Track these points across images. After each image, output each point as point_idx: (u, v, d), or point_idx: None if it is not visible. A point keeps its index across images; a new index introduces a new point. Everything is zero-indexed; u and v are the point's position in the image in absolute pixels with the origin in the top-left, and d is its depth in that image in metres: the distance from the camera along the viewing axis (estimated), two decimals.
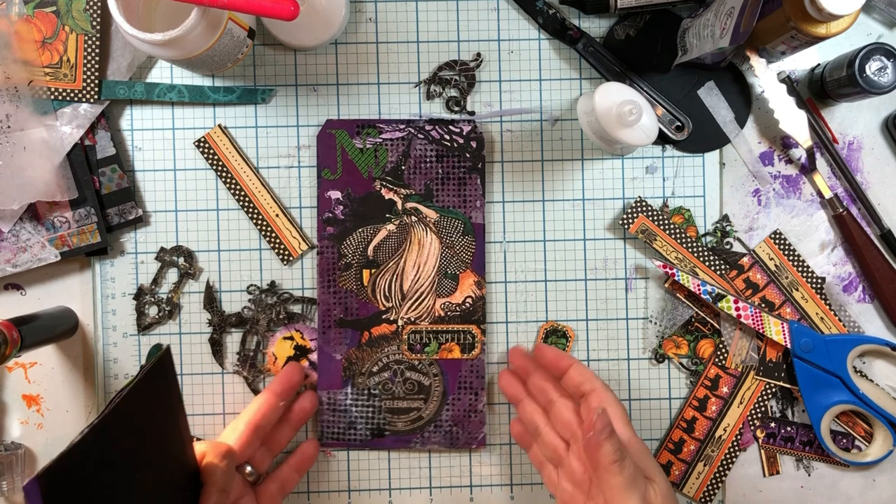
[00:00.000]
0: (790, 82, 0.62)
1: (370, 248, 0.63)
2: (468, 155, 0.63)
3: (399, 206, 0.63)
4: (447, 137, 0.63)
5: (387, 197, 0.63)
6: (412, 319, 0.63)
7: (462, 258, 0.63)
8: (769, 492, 0.64)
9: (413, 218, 0.63)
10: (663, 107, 0.63)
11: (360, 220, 0.63)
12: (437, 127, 0.63)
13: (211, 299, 0.63)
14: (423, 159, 0.63)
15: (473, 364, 0.63)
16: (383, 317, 0.63)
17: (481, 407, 0.63)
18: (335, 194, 0.63)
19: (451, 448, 0.64)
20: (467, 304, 0.63)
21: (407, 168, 0.63)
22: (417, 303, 0.63)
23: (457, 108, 0.64)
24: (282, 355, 0.63)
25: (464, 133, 0.63)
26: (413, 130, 0.63)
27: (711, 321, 0.64)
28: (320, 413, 0.63)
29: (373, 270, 0.63)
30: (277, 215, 0.63)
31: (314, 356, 0.63)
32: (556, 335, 0.64)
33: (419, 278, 0.63)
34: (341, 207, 0.63)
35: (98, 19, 0.61)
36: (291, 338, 0.63)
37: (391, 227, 0.63)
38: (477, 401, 0.63)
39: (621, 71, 0.63)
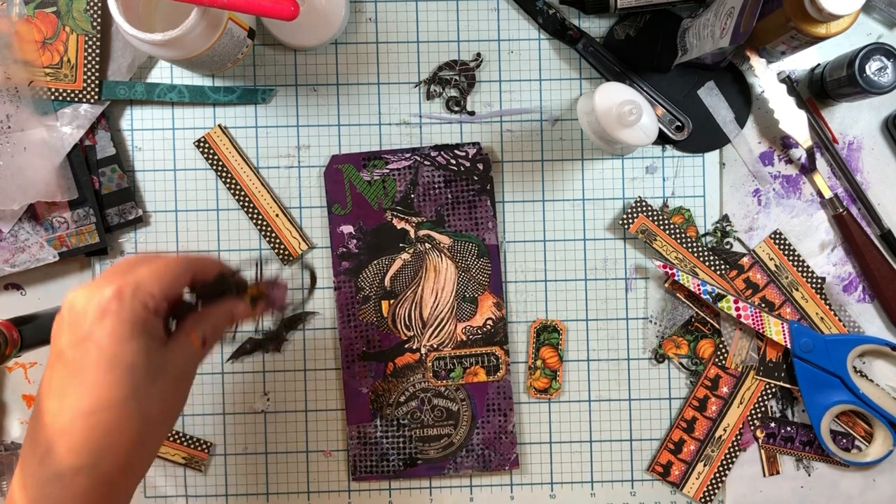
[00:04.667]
0: (790, 82, 0.62)
1: (387, 278, 0.63)
2: (476, 177, 0.63)
3: (412, 234, 0.63)
4: (453, 162, 0.63)
5: (399, 227, 0.63)
6: (435, 346, 0.63)
7: (479, 281, 0.63)
8: (769, 492, 0.64)
9: (427, 245, 0.63)
10: (663, 107, 0.63)
11: (374, 252, 0.63)
12: (442, 153, 0.63)
13: None
14: (431, 186, 0.63)
15: (500, 386, 0.63)
16: (406, 346, 0.63)
17: (511, 428, 0.63)
18: (347, 229, 0.63)
19: (485, 471, 0.64)
20: (488, 326, 0.63)
21: (416, 196, 0.63)
22: (439, 329, 0.63)
23: (457, 108, 0.64)
24: None
25: (469, 156, 0.63)
26: (419, 158, 0.63)
27: (711, 321, 0.64)
28: (351, 447, 0.63)
29: (391, 301, 0.63)
30: (277, 215, 0.63)
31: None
32: (546, 331, 0.64)
33: (438, 304, 0.63)
34: (355, 241, 0.63)
35: (98, 20, 0.61)
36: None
37: (406, 256, 0.63)
38: (506, 422, 0.63)
39: (621, 71, 0.63)
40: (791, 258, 0.64)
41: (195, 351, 0.50)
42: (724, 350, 0.64)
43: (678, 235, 0.63)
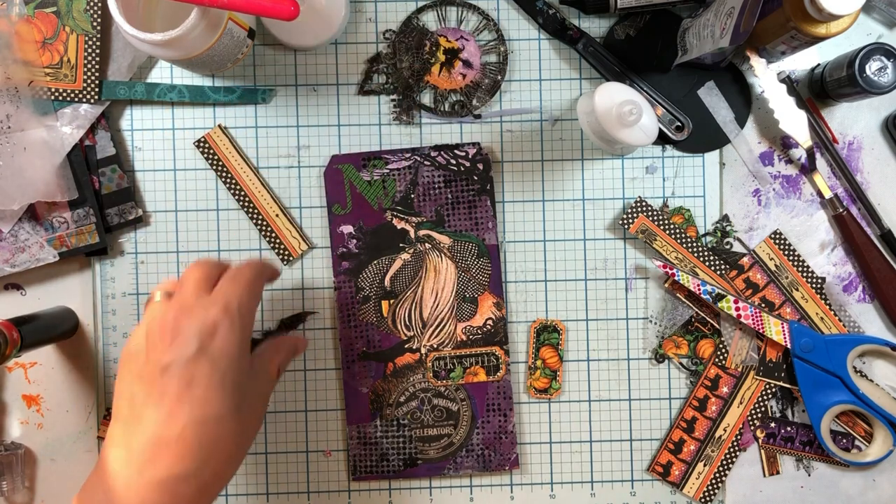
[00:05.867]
0: (790, 82, 0.62)
1: (387, 278, 0.63)
2: (476, 177, 0.63)
3: (412, 234, 0.63)
4: (453, 162, 0.63)
5: (399, 227, 0.63)
6: (435, 346, 0.63)
7: (479, 281, 0.63)
8: (769, 492, 0.64)
9: (427, 245, 0.63)
10: (663, 107, 0.63)
11: (374, 252, 0.63)
12: (442, 152, 0.63)
13: None
14: (431, 186, 0.63)
15: (500, 385, 0.63)
16: (406, 346, 0.63)
17: (511, 428, 0.63)
18: (347, 229, 0.63)
19: (485, 471, 0.64)
20: (488, 326, 0.63)
21: (416, 196, 0.63)
22: (439, 329, 0.63)
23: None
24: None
25: (469, 156, 0.63)
26: (419, 158, 0.63)
27: (711, 321, 0.64)
28: (351, 447, 0.63)
29: (391, 301, 0.63)
30: (277, 215, 0.63)
31: (464, 55, 0.60)
32: (546, 331, 0.64)
33: (438, 304, 0.63)
34: (354, 241, 0.63)
35: (98, 20, 0.61)
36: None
37: (406, 256, 0.63)
38: (506, 422, 0.63)
39: (621, 71, 0.63)
40: (791, 258, 0.64)
41: (272, 378, 0.53)
42: (724, 350, 0.64)
43: (678, 235, 0.63)
